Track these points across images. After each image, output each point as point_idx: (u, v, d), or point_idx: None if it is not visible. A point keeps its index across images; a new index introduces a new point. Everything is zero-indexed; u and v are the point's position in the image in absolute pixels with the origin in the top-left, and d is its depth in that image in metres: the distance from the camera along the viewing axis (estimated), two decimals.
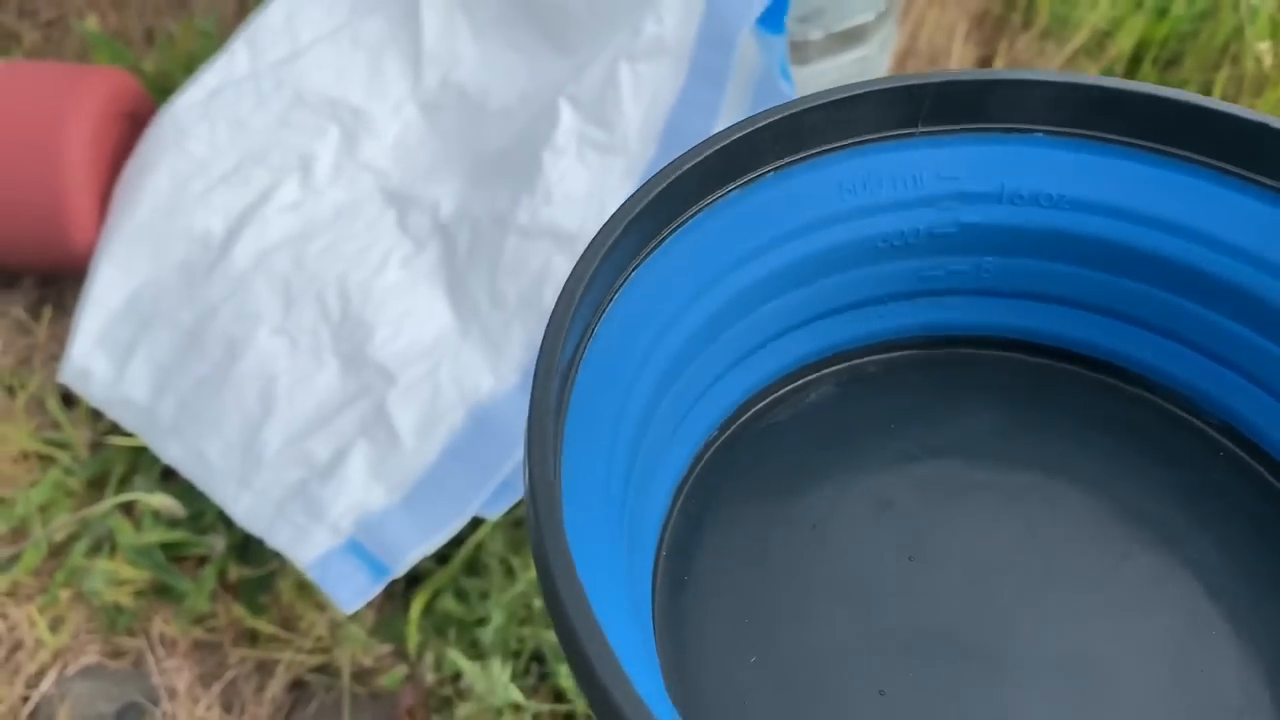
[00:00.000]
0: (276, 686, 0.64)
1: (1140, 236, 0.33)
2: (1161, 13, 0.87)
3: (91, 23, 0.91)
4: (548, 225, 0.67)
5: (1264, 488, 0.33)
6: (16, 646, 0.65)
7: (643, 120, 0.68)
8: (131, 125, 0.78)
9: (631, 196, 0.27)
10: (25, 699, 0.64)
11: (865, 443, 0.34)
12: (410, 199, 0.73)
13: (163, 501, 0.55)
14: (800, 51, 0.76)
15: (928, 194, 0.33)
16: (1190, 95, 0.30)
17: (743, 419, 0.35)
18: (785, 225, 0.32)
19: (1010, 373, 0.36)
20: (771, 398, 0.35)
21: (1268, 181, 0.31)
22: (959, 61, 0.89)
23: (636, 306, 0.29)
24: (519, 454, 0.63)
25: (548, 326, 0.25)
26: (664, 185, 0.28)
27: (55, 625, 0.66)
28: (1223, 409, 0.34)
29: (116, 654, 0.66)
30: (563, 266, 0.67)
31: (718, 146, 0.29)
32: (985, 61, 0.90)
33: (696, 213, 0.30)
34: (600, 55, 0.69)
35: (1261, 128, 0.30)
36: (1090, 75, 0.32)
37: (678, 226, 0.30)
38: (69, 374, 0.71)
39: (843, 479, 0.33)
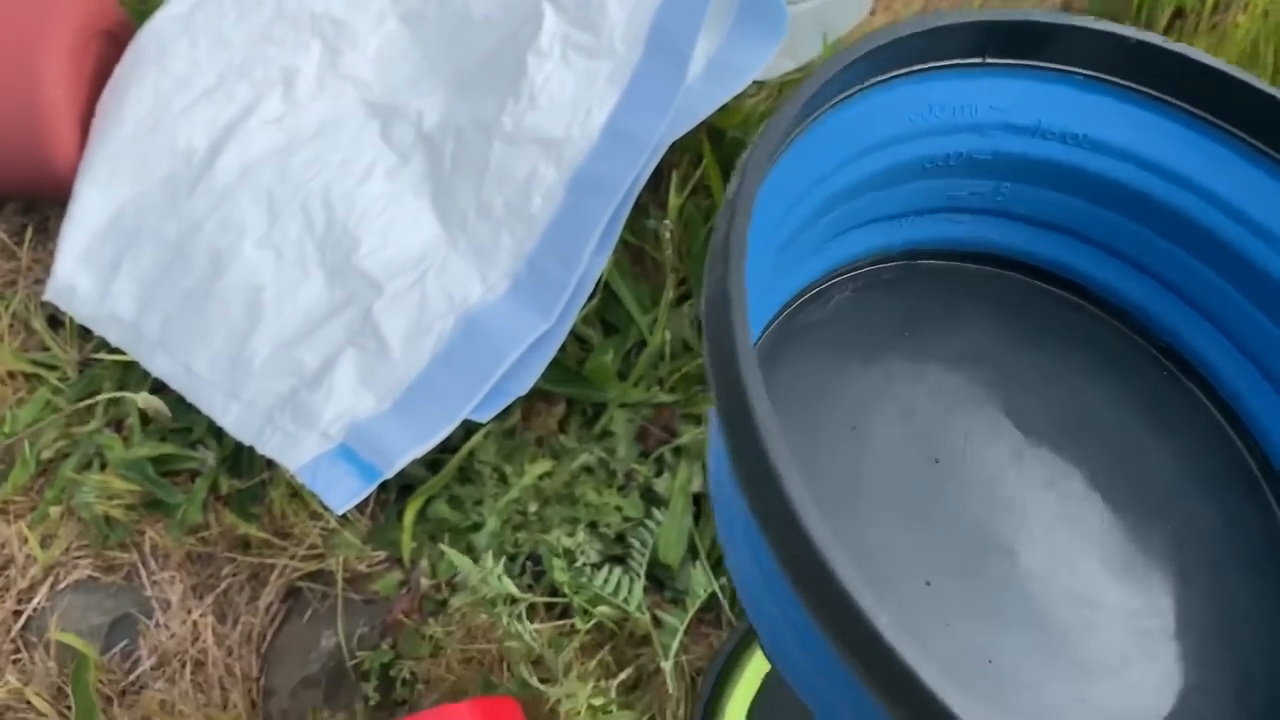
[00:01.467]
0: (270, 595, 0.63)
1: (1144, 181, 0.36)
2: None
3: None
4: (533, 131, 0.66)
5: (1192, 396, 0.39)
6: (7, 563, 0.65)
7: (627, 22, 0.67)
8: (110, 44, 0.77)
9: (778, 112, 0.30)
10: (17, 614, 0.64)
11: (884, 346, 0.38)
12: (393, 110, 0.72)
13: (148, 401, 0.54)
14: None
15: (979, 121, 0.36)
16: (1221, 63, 0.34)
17: (785, 314, 0.38)
18: (862, 143, 0.35)
19: (1004, 289, 0.40)
20: (806, 297, 0.39)
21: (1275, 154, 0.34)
22: None
23: (767, 198, 0.31)
24: (509, 360, 0.63)
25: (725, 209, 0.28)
26: (795, 97, 0.30)
27: (46, 541, 0.65)
28: (1172, 334, 0.39)
29: (109, 568, 0.65)
30: (550, 174, 0.66)
31: (833, 70, 0.31)
32: None
33: (811, 122, 0.32)
34: None
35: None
36: (1137, 30, 0.34)
37: (800, 132, 0.32)
38: (54, 292, 0.70)
39: (869, 385, 0.37)
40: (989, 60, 0.35)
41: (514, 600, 0.57)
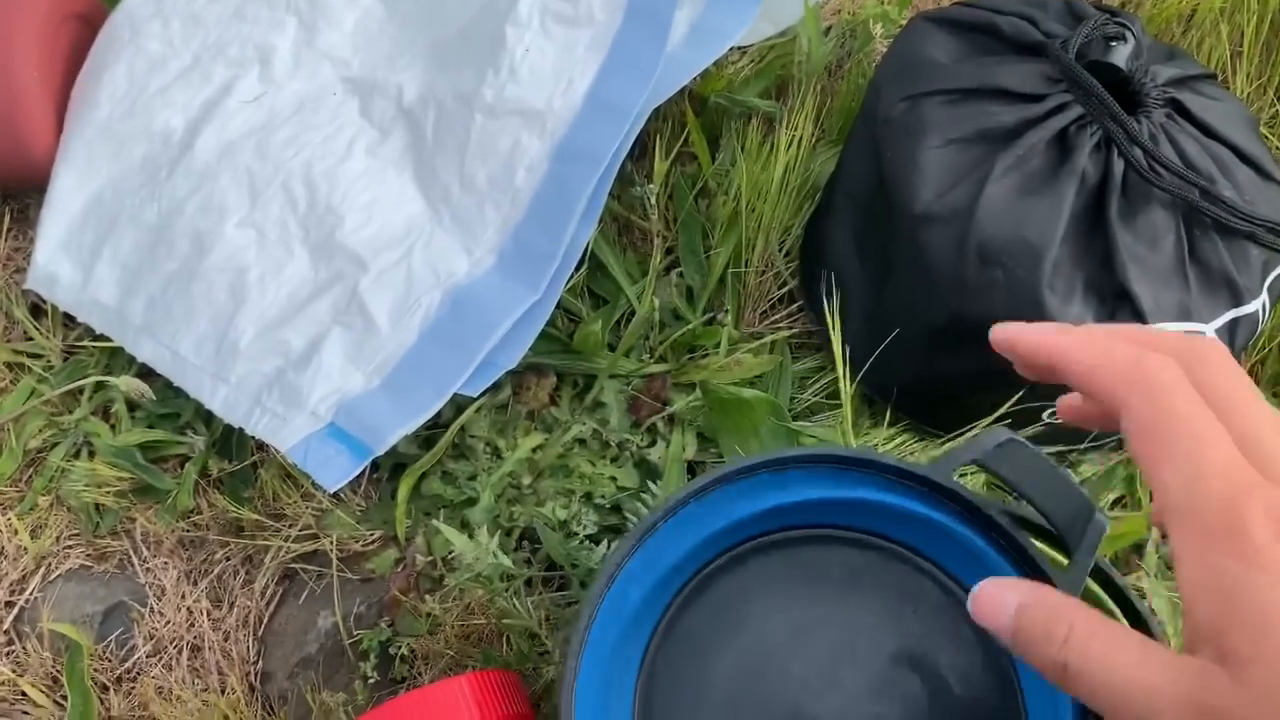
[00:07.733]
0: (265, 578, 0.63)
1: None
2: None
3: None
4: (514, 103, 0.65)
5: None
6: None
7: None
8: (83, 27, 0.75)
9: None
10: (9, 605, 0.63)
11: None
12: (372, 86, 0.71)
13: (130, 383, 0.53)
14: None
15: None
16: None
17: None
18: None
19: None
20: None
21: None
22: None
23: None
24: (498, 333, 0.62)
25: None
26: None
27: (36, 531, 0.65)
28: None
29: (101, 556, 0.65)
30: (533, 145, 0.65)
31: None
32: None
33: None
34: None
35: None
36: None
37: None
38: (35, 280, 0.69)
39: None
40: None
41: (510, 576, 0.57)
